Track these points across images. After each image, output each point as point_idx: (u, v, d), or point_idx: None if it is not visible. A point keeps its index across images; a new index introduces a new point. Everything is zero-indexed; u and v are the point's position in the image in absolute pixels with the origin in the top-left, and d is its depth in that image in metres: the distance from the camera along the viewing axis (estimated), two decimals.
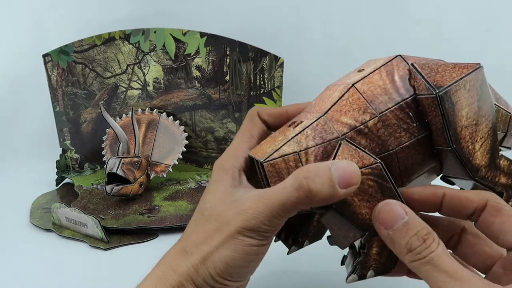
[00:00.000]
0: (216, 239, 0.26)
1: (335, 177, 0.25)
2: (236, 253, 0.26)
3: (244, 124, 0.33)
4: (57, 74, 0.64)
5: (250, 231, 0.26)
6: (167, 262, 0.28)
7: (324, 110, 0.29)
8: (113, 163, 0.54)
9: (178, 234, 0.50)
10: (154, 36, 0.61)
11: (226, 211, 0.27)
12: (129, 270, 0.44)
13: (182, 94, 0.64)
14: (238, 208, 0.26)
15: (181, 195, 0.58)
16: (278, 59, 0.61)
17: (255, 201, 0.26)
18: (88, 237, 0.49)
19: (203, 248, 0.26)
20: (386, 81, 0.29)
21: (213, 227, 0.27)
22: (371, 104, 0.29)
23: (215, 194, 0.28)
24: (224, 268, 0.26)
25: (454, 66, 0.29)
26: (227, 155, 0.31)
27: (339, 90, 0.30)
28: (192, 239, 0.28)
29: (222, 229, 0.26)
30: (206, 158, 0.67)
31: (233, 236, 0.26)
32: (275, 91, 0.62)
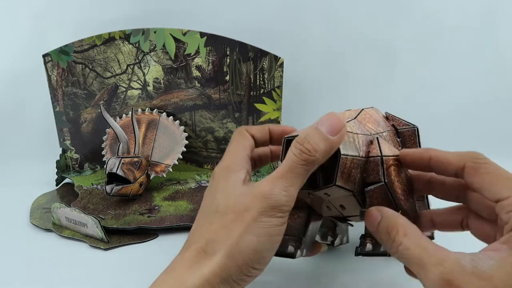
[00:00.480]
0: (238, 229, 0.26)
1: (324, 131, 0.28)
2: (261, 236, 0.26)
3: (236, 137, 0.34)
4: (57, 74, 0.64)
5: (272, 209, 0.26)
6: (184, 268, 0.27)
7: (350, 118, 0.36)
8: (113, 163, 0.54)
9: (178, 234, 0.50)
10: (154, 36, 0.61)
11: (242, 200, 0.27)
12: (129, 270, 0.44)
13: (182, 94, 0.64)
14: (254, 193, 0.27)
15: (181, 195, 0.58)
16: (278, 59, 0.61)
17: (269, 180, 0.27)
18: (88, 237, 0.49)
19: (226, 242, 0.26)
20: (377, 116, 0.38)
21: (231, 219, 0.27)
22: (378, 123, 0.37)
23: (225, 190, 0.29)
24: (252, 255, 0.26)
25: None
26: (228, 158, 0.32)
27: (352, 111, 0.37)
28: (210, 238, 0.27)
29: (242, 217, 0.27)
30: (206, 158, 0.67)
31: (255, 219, 0.26)
32: (275, 91, 0.62)
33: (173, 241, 0.49)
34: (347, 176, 0.31)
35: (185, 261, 0.27)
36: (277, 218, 0.27)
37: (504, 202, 0.25)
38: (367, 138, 0.33)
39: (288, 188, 0.27)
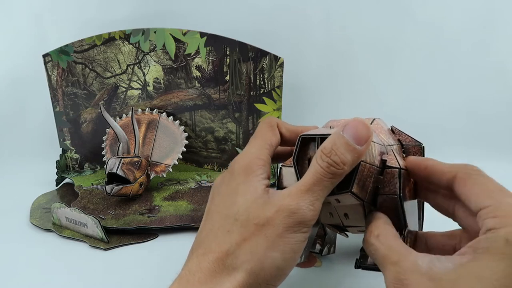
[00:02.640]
0: (262, 245, 0.25)
1: (350, 140, 0.26)
2: (286, 253, 0.25)
3: (264, 130, 0.32)
4: (57, 74, 0.64)
5: (298, 224, 0.25)
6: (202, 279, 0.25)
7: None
8: (113, 163, 0.54)
9: (178, 234, 0.50)
10: (154, 36, 0.61)
11: (265, 212, 0.26)
12: (129, 270, 0.44)
13: (182, 94, 0.64)
14: (278, 206, 0.26)
15: (181, 195, 0.58)
16: (278, 59, 0.61)
17: (294, 193, 0.26)
18: (88, 237, 0.49)
19: (249, 259, 0.25)
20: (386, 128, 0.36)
21: (253, 232, 0.25)
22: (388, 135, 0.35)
23: (247, 196, 0.27)
24: (275, 273, 0.25)
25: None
26: (251, 156, 0.30)
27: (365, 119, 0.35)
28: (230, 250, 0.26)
29: (266, 233, 0.25)
30: (206, 158, 0.67)
31: (280, 236, 0.25)
32: (275, 91, 0.62)
33: (173, 241, 0.49)
34: (362, 184, 0.30)
35: (202, 272, 0.25)
36: (302, 234, 0.26)
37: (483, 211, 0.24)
38: (381, 148, 0.32)
39: (314, 203, 0.26)
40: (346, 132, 0.26)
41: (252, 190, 0.27)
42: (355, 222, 0.33)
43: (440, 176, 0.28)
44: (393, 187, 0.30)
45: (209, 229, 0.28)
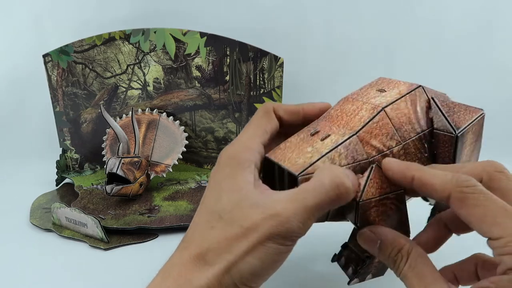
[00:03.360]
0: (241, 247, 0.24)
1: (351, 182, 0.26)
2: (264, 261, 0.24)
3: (258, 117, 0.31)
4: (57, 74, 0.64)
5: (282, 237, 0.24)
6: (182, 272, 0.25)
7: (354, 128, 0.30)
8: (113, 163, 0.54)
9: (178, 234, 0.50)
10: (154, 36, 0.61)
11: (251, 215, 0.25)
12: (129, 270, 0.44)
13: (182, 94, 0.64)
14: (267, 211, 0.25)
15: (181, 195, 0.58)
16: (278, 59, 0.61)
17: (288, 202, 0.25)
18: (88, 237, 0.49)
19: (226, 257, 0.25)
20: (410, 111, 0.31)
21: (236, 233, 0.25)
22: (397, 131, 0.31)
23: (233, 193, 0.26)
24: (250, 277, 0.25)
25: (466, 109, 0.32)
26: (239, 146, 0.29)
27: (367, 109, 0.31)
28: (211, 246, 0.25)
29: (248, 236, 0.24)
30: (206, 158, 0.67)
31: (262, 243, 0.24)
32: (275, 91, 0.62)
33: (173, 241, 0.49)
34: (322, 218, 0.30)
35: (183, 265, 0.26)
36: (285, 246, 0.25)
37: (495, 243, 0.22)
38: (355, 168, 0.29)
39: (307, 222, 0.25)
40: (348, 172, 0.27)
41: (238, 187, 0.26)
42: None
43: (431, 193, 0.26)
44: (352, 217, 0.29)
45: (195, 223, 0.28)
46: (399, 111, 0.31)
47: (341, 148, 0.29)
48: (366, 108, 0.31)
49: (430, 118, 0.32)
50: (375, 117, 0.30)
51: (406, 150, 0.31)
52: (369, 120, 0.30)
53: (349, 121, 0.31)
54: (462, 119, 0.31)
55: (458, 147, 0.31)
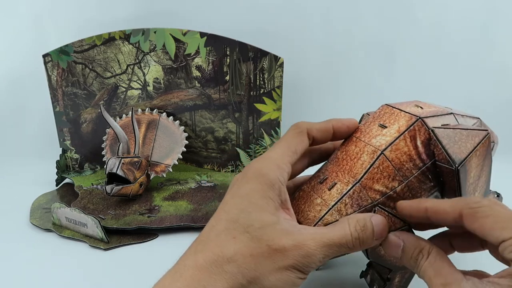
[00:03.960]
0: (267, 267, 0.26)
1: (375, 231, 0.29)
2: (285, 284, 0.26)
3: (290, 135, 0.32)
4: (57, 74, 0.64)
5: (304, 266, 0.26)
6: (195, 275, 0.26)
7: (357, 176, 0.32)
8: (113, 163, 0.54)
9: (178, 234, 0.50)
10: (154, 36, 0.61)
11: (281, 240, 0.26)
12: (129, 270, 0.44)
13: (182, 94, 0.64)
14: (296, 241, 0.27)
15: (181, 195, 0.58)
16: (278, 59, 0.61)
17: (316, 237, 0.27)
18: (88, 237, 0.49)
19: (249, 273, 0.26)
20: (410, 148, 0.32)
21: (263, 252, 0.26)
22: (399, 171, 0.32)
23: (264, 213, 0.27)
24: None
25: (468, 135, 0.32)
26: (269, 163, 0.30)
27: (368, 153, 0.33)
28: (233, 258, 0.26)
29: (275, 258, 0.26)
30: (206, 158, 0.67)
31: (287, 268, 0.26)
32: (275, 91, 0.62)
33: (173, 241, 0.49)
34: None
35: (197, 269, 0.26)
36: (304, 274, 0.27)
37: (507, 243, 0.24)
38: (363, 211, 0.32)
39: (325, 258, 0.27)
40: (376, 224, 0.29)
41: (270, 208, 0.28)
42: None
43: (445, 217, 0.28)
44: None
45: (213, 228, 0.28)
46: (398, 151, 0.32)
47: (346, 199, 0.31)
48: (367, 152, 0.33)
49: (432, 150, 0.32)
50: (375, 162, 0.32)
51: (409, 187, 0.32)
52: (370, 166, 0.32)
53: (353, 167, 0.33)
54: (463, 149, 0.32)
55: (461, 177, 0.32)
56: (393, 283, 0.37)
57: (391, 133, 0.33)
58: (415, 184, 0.32)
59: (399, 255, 0.29)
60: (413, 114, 0.33)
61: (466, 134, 0.32)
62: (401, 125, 0.33)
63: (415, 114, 0.33)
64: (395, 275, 0.36)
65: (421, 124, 0.33)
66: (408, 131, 0.32)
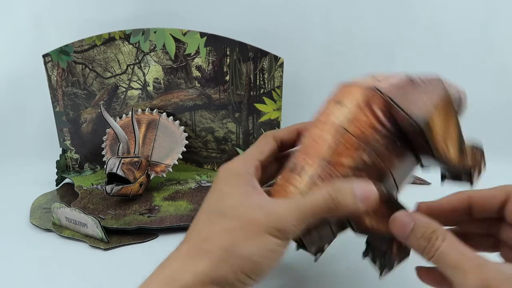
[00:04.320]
0: (242, 237, 0.27)
1: (357, 194, 0.28)
2: (262, 250, 0.26)
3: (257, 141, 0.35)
4: (57, 74, 0.64)
5: (280, 231, 0.27)
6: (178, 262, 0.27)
7: (323, 156, 0.32)
8: (113, 163, 0.54)
9: (178, 234, 0.50)
10: (154, 36, 0.61)
11: (252, 212, 0.27)
12: (129, 270, 0.44)
13: (182, 94, 0.64)
14: (267, 209, 0.28)
15: (181, 195, 0.58)
16: (278, 59, 0.61)
17: (285, 205, 0.28)
18: (88, 237, 0.49)
19: (224, 245, 0.26)
20: (370, 117, 0.32)
21: (235, 226, 0.27)
22: (364, 142, 0.32)
23: (235, 195, 0.29)
24: (249, 265, 0.26)
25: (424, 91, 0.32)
26: (236, 162, 0.32)
27: (330, 132, 0.33)
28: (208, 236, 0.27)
29: (248, 228, 0.27)
30: (206, 158, 0.67)
31: (260, 235, 0.27)
32: (275, 91, 0.62)
33: (173, 241, 0.49)
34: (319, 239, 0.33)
35: (180, 256, 0.28)
36: (279, 240, 0.27)
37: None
38: None
39: (300, 223, 0.28)
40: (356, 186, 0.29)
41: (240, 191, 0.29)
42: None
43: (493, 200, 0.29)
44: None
45: (195, 223, 0.30)
46: (359, 123, 0.32)
47: (316, 180, 0.31)
48: (330, 131, 0.33)
49: (393, 115, 0.32)
50: (339, 138, 0.32)
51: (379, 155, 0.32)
52: (334, 143, 0.32)
53: (318, 149, 0.33)
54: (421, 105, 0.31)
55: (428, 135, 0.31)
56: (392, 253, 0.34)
57: (349, 108, 0.33)
58: (384, 151, 0.32)
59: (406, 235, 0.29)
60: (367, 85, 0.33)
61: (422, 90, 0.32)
62: (358, 98, 0.33)
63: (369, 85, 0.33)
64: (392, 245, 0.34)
65: (376, 93, 0.32)
66: (365, 102, 0.32)
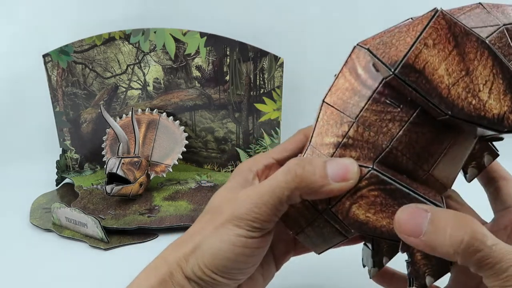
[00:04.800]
0: (208, 228, 0.26)
1: (328, 170, 0.24)
2: (223, 243, 0.25)
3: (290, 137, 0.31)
4: (57, 74, 0.64)
5: (239, 219, 0.25)
6: (162, 254, 0.28)
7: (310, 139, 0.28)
8: (113, 163, 0.54)
9: (178, 234, 0.50)
10: (154, 36, 0.61)
11: (224, 204, 0.27)
12: (129, 270, 0.44)
13: (182, 94, 0.64)
14: (231, 199, 0.27)
15: (181, 195, 0.58)
16: (278, 59, 0.61)
17: (246, 191, 0.26)
18: (88, 237, 0.49)
19: (196, 237, 0.27)
20: (351, 81, 0.27)
21: (208, 219, 0.27)
22: (344, 112, 0.26)
23: (220, 192, 0.29)
24: (210, 259, 0.25)
25: (408, 28, 0.24)
26: (250, 159, 0.31)
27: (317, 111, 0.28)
28: (189, 231, 0.28)
29: (214, 219, 0.27)
30: (206, 158, 0.67)
31: (223, 224, 0.26)
32: (275, 91, 0.62)
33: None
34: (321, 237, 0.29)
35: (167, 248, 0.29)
36: (243, 229, 0.25)
37: None
38: None
39: (261, 207, 0.25)
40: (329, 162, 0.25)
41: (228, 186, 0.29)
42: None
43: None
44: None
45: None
46: (339, 91, 0.27)
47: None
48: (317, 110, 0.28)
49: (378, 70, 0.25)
50: (319, 114, 0.28)
51: (364, 124, 0.25)
52: (316, 122, 0.28)
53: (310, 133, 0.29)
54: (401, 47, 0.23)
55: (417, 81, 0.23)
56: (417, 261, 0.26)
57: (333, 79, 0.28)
58: (371, 118, 0.25)
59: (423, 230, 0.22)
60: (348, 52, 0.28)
61: (407, 28, 0.24)
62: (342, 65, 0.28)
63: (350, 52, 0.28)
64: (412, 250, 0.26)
65: (358, 49, 0.27)
66: (345, 65, 0.28)
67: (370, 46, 0.24)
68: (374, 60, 0.24)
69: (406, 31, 0.23)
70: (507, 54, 0.25)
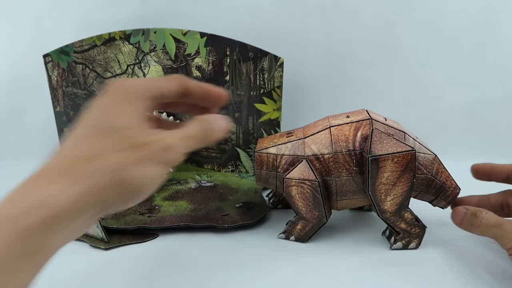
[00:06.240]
0: (131, 159, 0.26)
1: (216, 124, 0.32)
2: (148, 176, 0.27)
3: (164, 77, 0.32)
4: (57, 74, 0.64)
5: (165, 158, 0.28)
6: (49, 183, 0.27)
7: (306, 135, 0.46)
8: None
9: (178, 234, 0.51)
10: (154, 36, 0.61)
11: (145, 137, 0.27)
12: (129, 270, 0.44)
13: None
14: (158, 136, 0.28)
15: (181, 195, 0.58)
16: (278, 59, 0.61)
17: (176, 132, 0.29)
18: (88, 236, 0.49)
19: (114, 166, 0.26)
20: (351, 133, 0.43)
21: (127, 147, 0.26)
22: (333, 144, 0.44)
23: (129, 116, 0.27)
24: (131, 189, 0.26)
25: (395, 144, 0.41)
26: (134, 81, 0.29)
27: (323, 125, 0.46)
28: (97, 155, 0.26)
29: (138, 151, 0.26)
30: (206, 158, 0.67)
31: (150, 160, 0.27)
32: (275, 91, 0.62)
33: (173, 241, 0.49)
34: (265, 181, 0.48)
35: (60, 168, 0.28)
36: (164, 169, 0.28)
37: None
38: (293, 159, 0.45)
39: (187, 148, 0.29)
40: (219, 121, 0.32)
41: (134, 113, 0.28)
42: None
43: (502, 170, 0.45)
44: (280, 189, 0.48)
45: (74, 139, 0.28)
46: (341, 132, 0.44)
47: (289, 144, 0.46)
48: (324, 125, 0.45)
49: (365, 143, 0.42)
50: (322, 131, 0.45)
51: (335, 159, 0.43)
52: (317, 132, 0.45)
53: (309, 130, 0.46)
54: (383, 149, 0.40)
55: (372, 169, 0.41)
56: (295, 228, 0.47)
57: (347, 121, 0.44)
58: (340, 160, 0.43)
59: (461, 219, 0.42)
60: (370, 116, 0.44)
61: (394, 142, 0.41)
62: (357, 119, 0.44)
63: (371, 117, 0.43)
64: (298, 222, 0.46)
65: (369, 122, 0.43)
66: (356, 122, 0.44)
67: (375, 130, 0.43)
68: (368, 140, 0.42)
69: (393, 144, 0.41)
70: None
